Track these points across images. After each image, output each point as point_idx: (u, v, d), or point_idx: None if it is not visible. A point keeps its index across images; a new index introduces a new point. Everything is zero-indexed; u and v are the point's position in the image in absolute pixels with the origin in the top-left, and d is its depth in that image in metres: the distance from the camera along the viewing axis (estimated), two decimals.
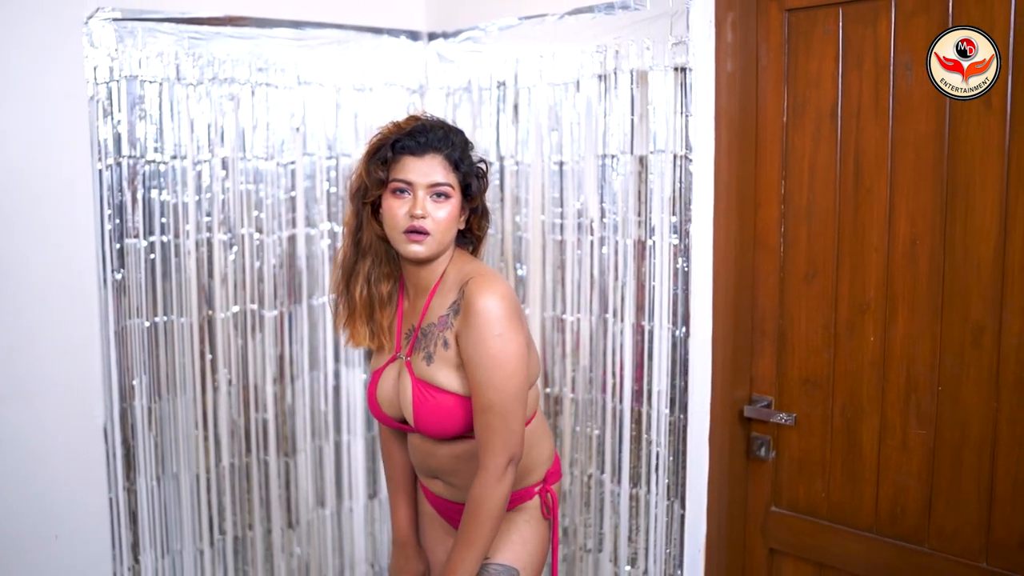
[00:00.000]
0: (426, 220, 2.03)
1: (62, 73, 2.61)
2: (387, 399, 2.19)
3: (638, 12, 2.63)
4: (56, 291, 2.66)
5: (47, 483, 2.68)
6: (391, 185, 2.06)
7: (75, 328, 2.70)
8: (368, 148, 2.12)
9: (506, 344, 1.98)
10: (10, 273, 2.58)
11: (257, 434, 3.03)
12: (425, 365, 2.10)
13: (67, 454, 2.71)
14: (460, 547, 2.05)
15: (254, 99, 2.93)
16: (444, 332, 2.08)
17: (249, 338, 2.99)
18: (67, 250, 2.68)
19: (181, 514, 2.89)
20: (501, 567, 2.16)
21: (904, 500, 2.42)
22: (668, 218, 2.61)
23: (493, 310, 1.98)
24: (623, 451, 2.79)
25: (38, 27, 2.57)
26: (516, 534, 2.21)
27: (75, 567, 2.74)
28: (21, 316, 2.61)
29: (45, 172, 2.62)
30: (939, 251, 2.31)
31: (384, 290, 2.18)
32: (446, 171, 2.06)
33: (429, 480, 2.26)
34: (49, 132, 2.62)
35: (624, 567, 2.82)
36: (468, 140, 2.15)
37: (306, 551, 3.18)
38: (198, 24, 2.79)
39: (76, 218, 2.68)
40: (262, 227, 2.98)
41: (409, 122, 2.12)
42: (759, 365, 2.66)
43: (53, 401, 2.68)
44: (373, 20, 3.14)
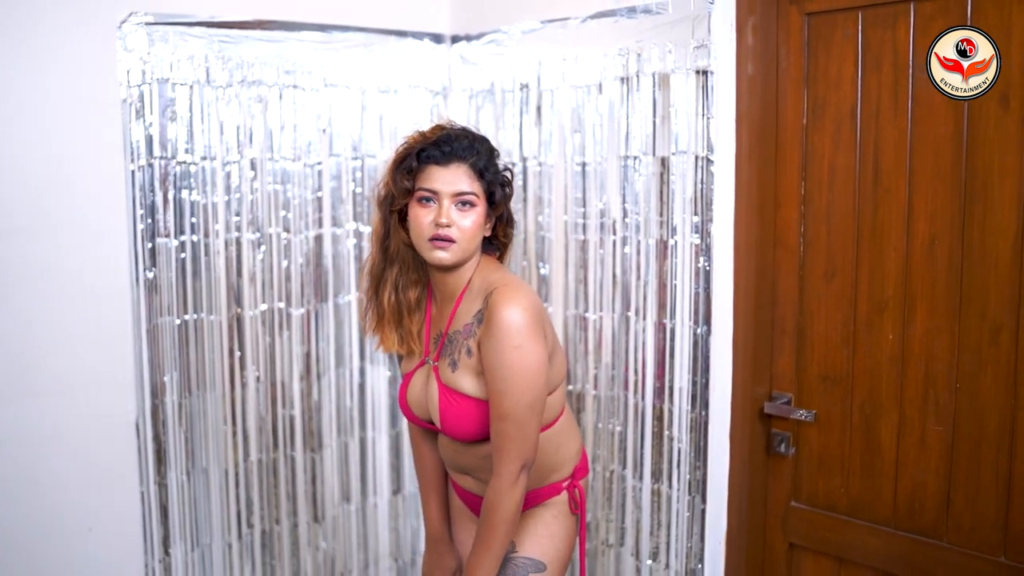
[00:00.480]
0: (451, 229, 2.07)
1: (96, 76, 2.68)
2: (416, 401, 2.25)
3: (660, 16, 2.68)
4: (90, 289, 2.73)
5: (81, 477, 2.75)
6: (417, 194, 2.10)
7: (108, 325, 2.76)
8: (394, 157, 2.16)
9: (524, 356, 2.02)
10: (47, 272, 2.65)
11: (284, 430, 3.09)
12: (450, 371, 2.15)
13: (101, 448, 2.77)
14: (477, 550, 2.11)
15: (282, 101, 2.98)
16: (468, 340, 2.12)
17: (277, 336, 3.05)
18: (101, 249, 2.74)
19: (210, 508, 2.95)
20: (528, 560, 2.21)
21: (923, 495, 2.46)
22: (690, 218, 2.66)
23: (514, 322, 2.01)
24: (645, 447, 2.83)
25: (73, 31, 2.63)
26: (544, 528, 2.26)
27: (108, 559, 2.80)
28: (57, 314, 2.67)
29: (80, 173, 2.68)
30: (957, 250, 2.35)
31: (412, 296, 2.23)
32: (471, 180, 2.10)
33: (459, 476, 2.31)
34: (84, 134, 2.68)
35: (646, 561, 2.86)
36: (494, 148, 2.19)
37: (331, 545, 3.23)
38: (227, 28, 2.84)
39: (109, 218, 2.74)
40: (289, 227, 3.04)
41: (434, 131, 2.16)
42: (779, 362, 2.70)
43: (87, 396, 2.74)
44: (397, 23, 3.19)
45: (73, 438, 2.73)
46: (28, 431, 2.65)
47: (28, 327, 2.63)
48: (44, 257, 2.64)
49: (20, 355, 2.63)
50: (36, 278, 2.63)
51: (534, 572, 2.21)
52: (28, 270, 2.61)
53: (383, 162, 3.16)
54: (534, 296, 2.12)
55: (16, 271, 2.59)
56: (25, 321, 2.62)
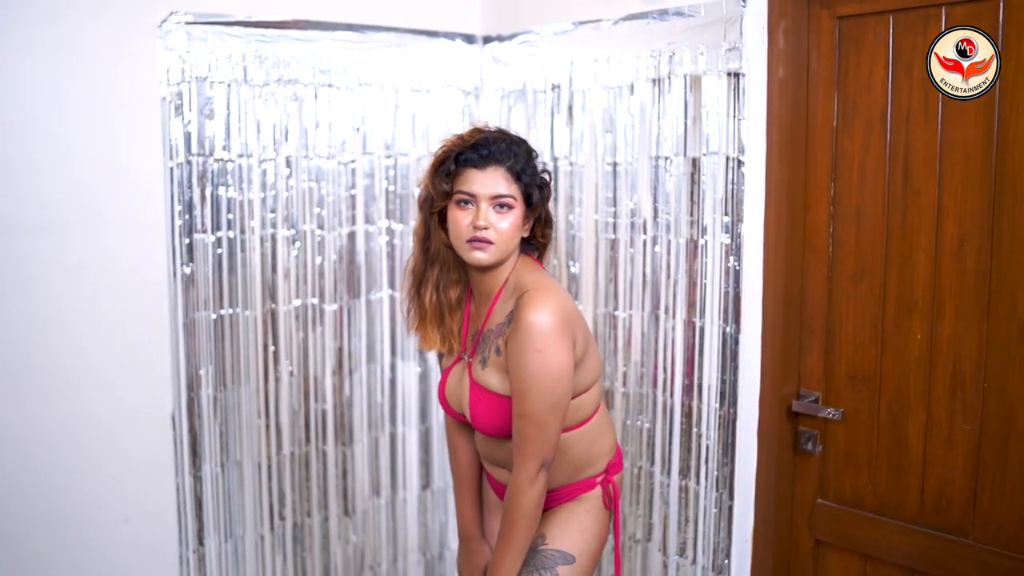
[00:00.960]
0: (488, 231, 2.11)
1: (137, 75, 2.73)
2: (453, 396, 2.30)
3: (692, 19, 2.71)
4: (129, 284, 2.78)
5: (119, 468, 2.80)
6: (455, 196, 2.13)
7: (146, 320, 2.81)
8: (433, 161, 2.19)
9: (546, 360, 2.05)
10: (87, 267, 2.70)
11: (316, 424, 3.14)
12: (481, 368, 2.19)
13: (137, 441, 2.82)
14: (499, 546, 2.17)
15: (317, 100, 3.03)
16: (498, 339, 2.16)
17: (310, 331, 3.10)
18: (139, 245, 2.79)
19: (243, 500, 3.00)
20: (557, 552, 2.25)
21: (950, 493, 2.49)
22: (720, 218, 2.70)
23: (537, 325, 2.04)
24: (673, 444, 2.87)
25: (115, 31, 2.68)
26: (575, 522, 2.29)
27: (144, 549, 2.85)
28: (96, 308, 2.72)
29: (120, 170, 2.73)
30: (986, 251, 2.38)
31: (452, 296, 2.26)
32: (508, 183, 2.13)
33: (494, 468, 2.35)
34: (124, 131, 2.73)
35: (673, 557, 2.90)
36: (532, 150, 2.22)
37: (361, 539, 3.28)
38: (264, 27, 2.89)
39: (148, 214, 2.79)
40: (323, 224, 3.09)
41: (472, 134, 2.19)
42: (807, 361, 2.74)
43: (125, 389, 2.79)
44: (430, 23, 3.24)
45: (111, 430, 2.78)
46: (67, 423, 2.70)
47: (67, 321, 2.68)
48: (83, 251, 2.69)
49: (59, 348, 2.67)
50: (75, 272, 2.68)
51: (562, 564, 2.24)
52: (68, 264, 2.66)
53: (415, 160, 3.23)
54: (564, 300, 2.14)
55: (56, 265, 2.64)
56: (64, 315, 2.67)
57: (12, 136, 2.56)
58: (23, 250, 2.59)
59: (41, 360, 2.65)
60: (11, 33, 2.53)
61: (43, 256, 2.62)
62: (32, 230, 2.60)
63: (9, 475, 2.63)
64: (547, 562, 2.23)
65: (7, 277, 2.58)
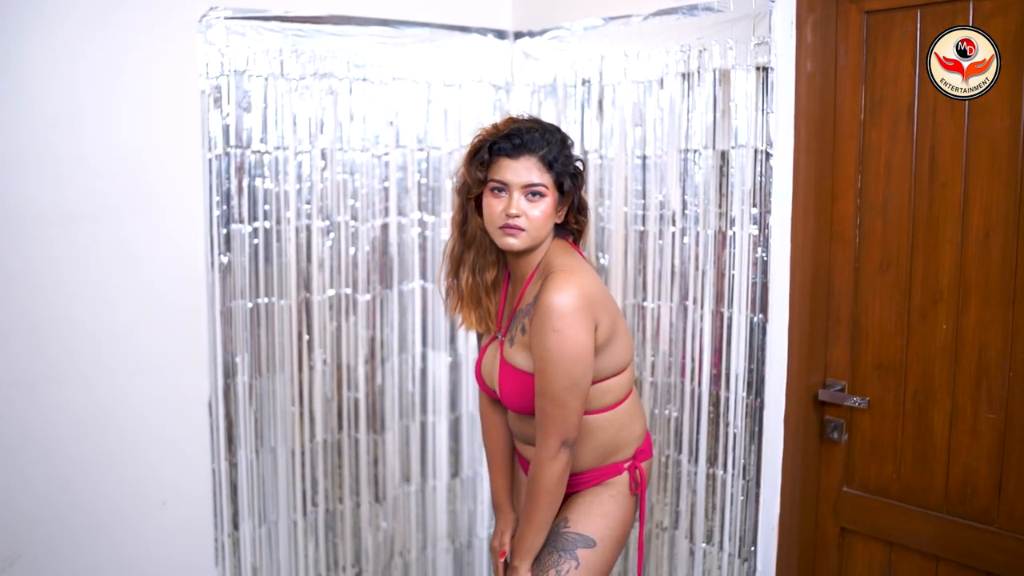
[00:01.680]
0: (520, 219, 2.17)
1: (177, 69, 2.79)
2: (488, 373, 2.37)
3: (721, 14, 2.76)
4: (168, 273, 2.84)
5: (157, 452, 2.86)
6: (489, 184, 2.20)
7: (184, 308, 2.88)
8: (469, 149, 2.26)
9: (563, 340, 2.11)
10: (128, 256, 2.76)
11: (349, 412, 3.20)
12: (509, 346, 2.27)
13: (175, 426, 2.89)
14: (522, 522, 2.26)
15: (351, 94, 3.09)
16: (524, 319, 2.23)
17: (343, 321, 3.16)
18: (178, 234, 2.86)
19: (277, 486, 3.06)
20: (578, 536, 2.29)
21: (975, 481, 2.53)
22: (748, 210, 2.74)
23: (556, 306, 2.10)
24: (701, 432, 2.91)
25: (156, 26, 2.75)
26: (599, 507, 2.34)
27: (180, 532, 2.92)
28: (136, 296, 2.79)
29: (160, 161, 2.80)
30: (1012, 242, 2.41)
31: (489, 278, 2.33)
32: (540, 172, 2.19)
33: (523, 446, 2.40)
34: (164, 124, 2.80)
35: (700, 544, 2.94)
36: (566, 138, 2.27)
37: (391, 525, 3.34)
38: (301, 22, 2.95)
39: (187, 205, 2.86)
40: (357, 215, 3.14)
41: (506, 124, 2.25)
42: (834, 351, 2.77)
43: (163, 376, 2.86)
44: (462, 19, 3.29)
45: (149, 416, 2.85)
46: (107, 408, 2.77)
47: (107, 308, 2.75)
48: (126, 241, 2.76)
49: (100, 335, 2.74)
50: (115, 261, 2.75)
51: (582, 547, 2.28)
52: (108, 253, 2.73)
53: (447, 154, 3.28)
54: (589, 282, 2.19)
55: (98, 254, 2.71)
56: (105, 302, 2.74)
57: (60, 128, 2.63)
58: (65, 238, 2.65)
59: (80, 346, 2.72)
60: (58, 30, 2.60)
61: (84, 244, 2.69)
62: (74, 219, 2.66)
63: (49, 458, 2.70)
64: (568, 544, 2.28)
65: (49, 264, 2.64)
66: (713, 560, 2.91)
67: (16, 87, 2.56)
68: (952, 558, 2.58)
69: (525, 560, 2.27)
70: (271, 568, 3.07)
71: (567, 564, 2.25)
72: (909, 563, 2.67)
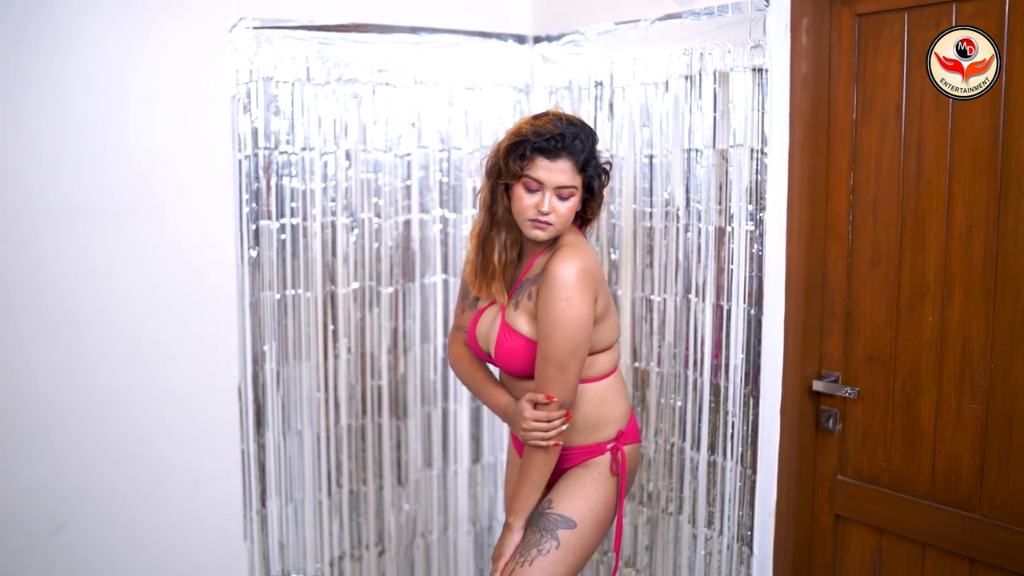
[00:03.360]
0: (550, 215, 2.34)
1: (209, 75, 2.99)
2: (483, 336, 2.52)
3: (721, 18, 2.87)
4: (200, 266, 3.04)
5: (191, 433, 3.07)
6: (524, 180, 2.35)
7: (216, 299, 3.08)
8: (508, 140, 2.39)
9: (571, 308, 2.28)
10: (162, 250, 2.97)
11: (372, 398, 3.37)
12: (513, 310, 2.43)
13: (207, 409, 3.09)
14: (519, 480, 2.44)
15: (375, 97, 3.26)
16: (532, 287, 2.41)
17: (367, 312, 3.33)
18: (211, 230, 3.05)
19: (303, 467, 3.25)
20: (560, 517, 2.42)
21: (958, 470, 2.60)
22: (745, 207, 2.84)
23: (565, 277, 2.28)
24: (702, 421, 3.02)
25: (190, 35, 2.94)
26: (581, 489, 2.47)
27: (212, 508, 3.12)
28: (171, 287, 2.99)
29: (194, 161, 3.00)
30: (993, 237, 2.49)
31: (515, 254, 2.49)
32: (573, 174, 2.35)
33: None
34: (197, 126, 3.00)
35: (702, 528, 3.05)
36: (596, 137, 2.42)
37: (414, 507, 3.50)
38: (326, 31, 3.13)
39: (218, 202, 3.05)
40: (380, 212, 3.32)
41: (546, 122, 2.37)
42: (828, 343, 2.87)
43: (196, 362, 3.06)
44: (483, 25, 3.44)
45: (183, 399, 3.05)
46: (143, 392, 2.98)
47: (144, 298, 2.95)
48: (160, 236, 2.96)
49: (136, 323, 2.95)
50: (152, 254, 2.96)
51: (563, 528, 2.40)
52: (146, 247, 2.94)
53: (468, 154, 3.45)
54: (592, 259, 2.37)
55: (134, 247, 2.92)
56: (142, 292, 2.95)
57: (103, 130, 2.84)
58: (104, 232, 2.87)
59: (118, 333, 2.93)
60: (104, 42, 2.82)
61: (121, 238, 2.89)
62: (112, 214, 2.87)
63: (90, 437, 2.91)
64: (550, 525, 2.41)
65: (90, 257, 2.86)
66: (714, 544, 3.02)
67: (62, 92, 2.78)
68: (938, 544, 2.66)
69: (519, 517, 2.43)
70: (297, 544, 3.25)
71: (548, 544, 2.38)
72: (898, 550, 2.75)
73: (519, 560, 2.38)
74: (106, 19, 2.82)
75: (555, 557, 2.38)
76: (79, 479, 2.91)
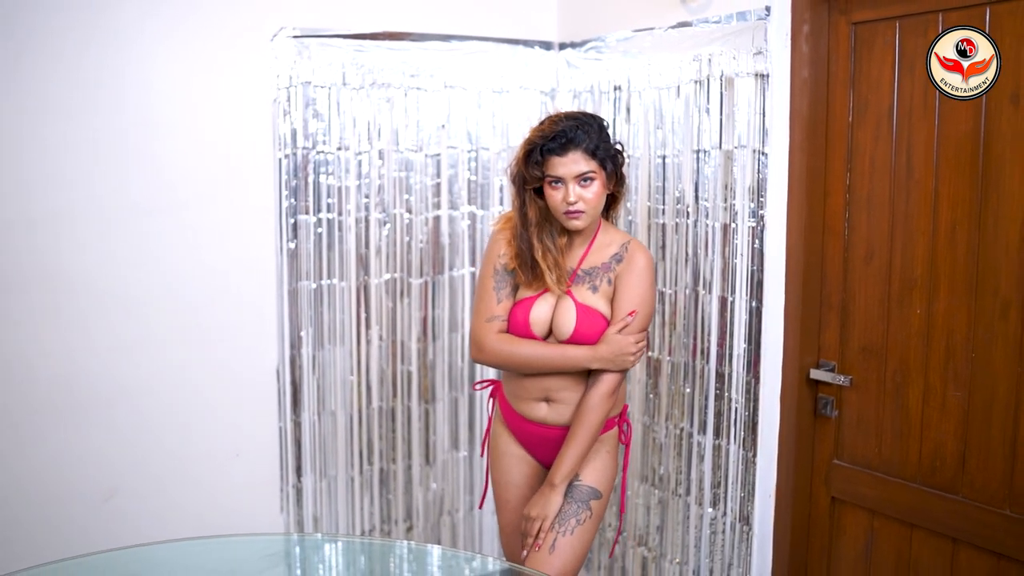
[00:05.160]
0: (578, 203, 2.57)
1: (251, 80, 3.24)
2: (542, 320, 2.69)
3: (727, 26, 3.04)
4: (242, 257, 3.29)
5: (232, 411, 3.32)
6: (546, 179, 2.60)
7: (256, 287, 3.33)
8: (522, 152, 2.64)
9: (652, 289, 2.68)
10: (207, 243, 3.22)
11: (402, 383, 3.60)
12: (590, 294, 2.66)
13: (248, 389, 3.34)
14: (568, 447, 2.64)
15: (407, 100, 3.48)
16: (608, 273, 2.66)
17: (398, 301, 3.56)
18: (252, 223, 3.30)
19: (336, 445, 3.48)
20: (589, 488, 2.69)
21: (943, 454, 2.74)
22: (748, 204, 3.01)
23: (649, 265, 2.66)
24: (708, 407, 3.20)
25: (234, 44, 3.19)
26: (599, 462, 2.72)
27: (251, 481, 3.36)
28: (215, 277, 3.25)
29: (237, 160, 3.25)
30: (975, 235, 2.63)
31: (562, 242, 2.71)
32: (587, 160, 2.57)
33: (536, 405, 2.74)
34: (240, 128, 3.24)
35: (707, 508, 3.22)
36: (602, 124, 2.64)
37: (441, 486, 3.72)
38: (361, 39, 3.36)
39: (259, 197, 3.30)
40: (411, 208, 3.54)
41: (549, 124, 2.61)
42: (826, 334, 3.02)
43: (237, 345, 3.31)
44: (512, 32, 3.65)
45: (226, 379, 3.30)
46: (188, 372, 3.23)
47: (190, 286, 3.21)
48: (205, 229, 3.22)
49: (184, 309, 3.21)
50: (198, 246, 3.21)
51: (592, 499, 2.68)
52: (192, 239, 3.19)
53: (495, 154, 3.65)
54: None
55: (182, 239, 3.17)
56: (187, 281, 3.20)
57: (154, 132, 3.10)
58: (153, 226, 3.12)
59: (167, 317, 3.18)
60: (160, 49, 3.09)
61: (169, 231, 3.15)
62: (163, 209, 3.13)
63: (140, 412, 3.17)
64: (583, 496, 2.67)
65: (145, 248, 3.12)
66: (718, 523, 3.19)
67: (121, 96, 3.05)
68: (924, 525, 2.80)
69: (567, 480, 2.65)
70: (330, 517, 3.49)
71: (584, 514, 2.66)
72: (889, 531, 2.90)
73: (559, 530, 2.63)
74: (163, 28, 3.08)
75: (588, 526, 2.66)
76: (130, 451, 3.17)
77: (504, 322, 2.74)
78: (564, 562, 2.61)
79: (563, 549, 2.61)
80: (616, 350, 2.62)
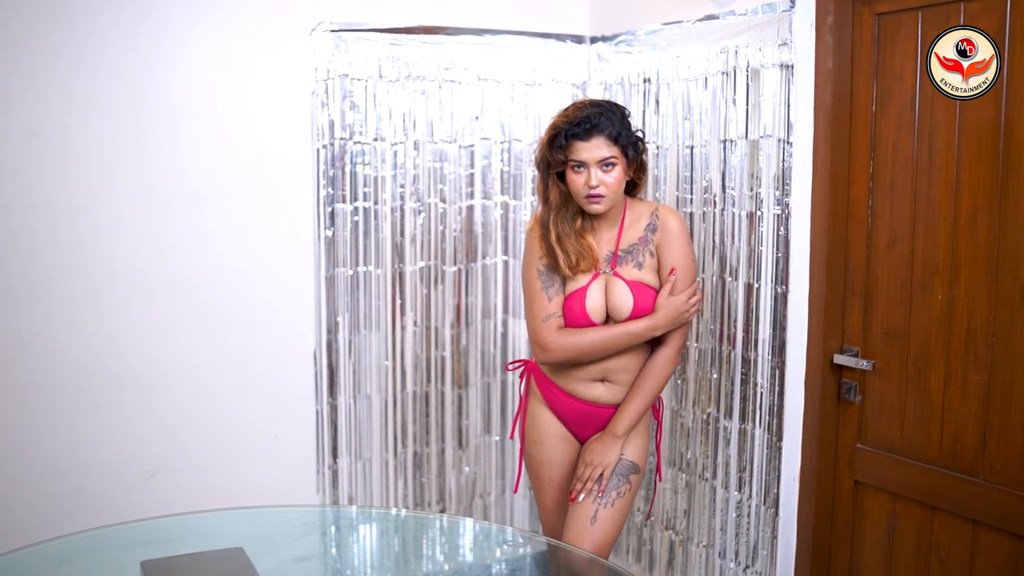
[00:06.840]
0: (599, 188, 2.66)
1: (291, 73, 3.35)
2: (596, 307, 2.77)
3: (753, 18, 3.10)
4: (282, 244, 3.40)
5: (271, 394, 3.43)
6: (569, 163, 2.69)
7: (295, 273, 3.44)
8: (547, 137, 2.74)
9: (687, 247, 2.78)
10: (248, 230, 3.34)
11: (436, 368, 3.69)
12: (637, 271, 2.77)
13: (286, 372, 3.45)
14: (632, 401, 2.79)
15: (441, 93, 3.58)
16: (648, 246, 2.78)
17: (432, 289, 3.65)
18: (291, 212, 3.41)
19: (371, 428, 3.58)
20: (630, 462, 2.83)
21: (964, 437, 2.79)
22: (773, 192, 3.07)
23: (682, 226, 2.79)
24: (735, 392, 3.26)
25: (274, 37, 3.31)
26: (637, 438, 2.86)
27: (288, 461, 3.47)
28: (255, 263, 3.36)
29: (277, 150, 3.36)
30: (995, 220, 2.67)
31: (579, 223, 2.78)
32: (609, 146, 2.66)
33: (592, 385, 2.83)
34: (280, 119, 3.36)
35: (733, 492, 3.28)
36: (624, 112, 2.73)
37: (473, 470, 3.81)
38: (397, 33, 3.46)
39: (298, 186, 3.41)
40: (445, 198, 3.63)
41: (575, 111, 2.72)
42: (849, 319, 3.07)
43: (277, 330, 3.42)
44: (544, 26, 3.73)
45: (265, 362, 3.41)
46: (228, 355, 3.35)
47: (230, 271, 3.32)
48: (247, 217, 3.33)
49: (224, 294, 3.32)
50: (238, 233, 3.32)
51: (632, 473, 2.83)
52: (233, 227, 3.31)
53: (528, 145, 3.73)
54: None
55: (223, 227, 3.29)
56: (228, 266, 3.32)
57: (199, 122, 3.24)
58: (194, 213, 3.25)
59: (210, 302, 3.30)
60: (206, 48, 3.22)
61: (211, 218, 3.27)
62: (205, 197, 3.25)
63: (183, 393, 3.29)
64: (624, 470, 2.81)
65: (181, 235, 3.24)
66: (744, 507, 3.25)
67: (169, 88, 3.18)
68: (945, 508, 2.84)
69: (627, 432, 2.78)
70: (365, 498, 3.59)
71: (624, 487, 2.80)
72: (911, 513, 2.94)
73: (602, 502, 2.76)
74: (210, 27, 3.22)
75: (627, 498, 2.81)
76: (172, 431, 3.29)
77: (560, 318, 2.79)
78: (604, 532, 2.74)
79: (604, 520, 2.74)
80: (672, 312, 2.75)
